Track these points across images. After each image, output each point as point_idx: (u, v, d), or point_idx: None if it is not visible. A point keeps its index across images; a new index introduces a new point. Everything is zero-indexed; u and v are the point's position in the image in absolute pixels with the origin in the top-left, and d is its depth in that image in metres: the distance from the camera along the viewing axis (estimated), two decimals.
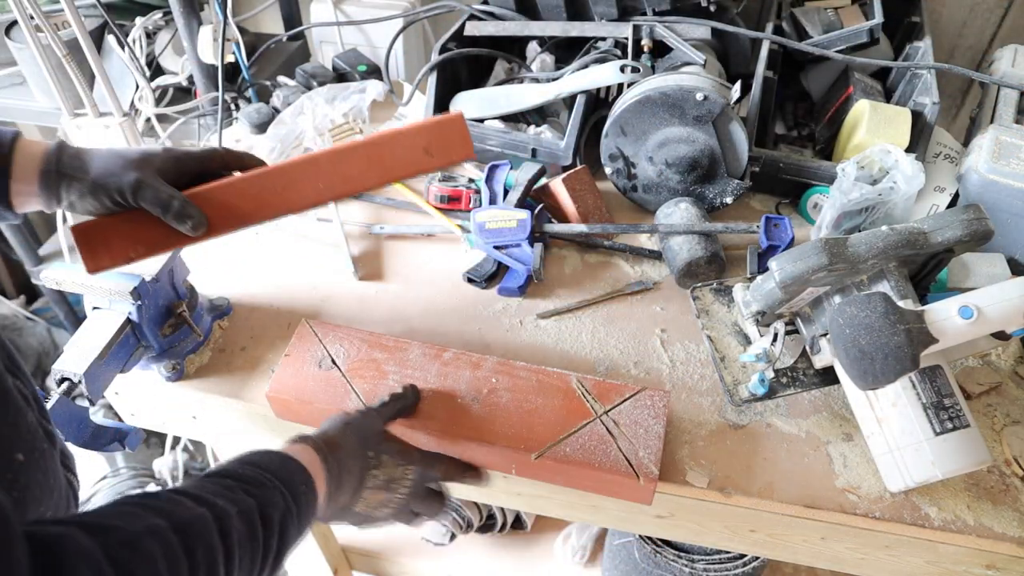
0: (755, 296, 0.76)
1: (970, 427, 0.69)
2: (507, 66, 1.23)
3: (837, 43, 1.12)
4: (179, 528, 0.46)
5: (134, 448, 0.81)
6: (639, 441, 0.73)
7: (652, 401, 0.76)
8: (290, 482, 0.58)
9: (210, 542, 0.47)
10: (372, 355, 0.80)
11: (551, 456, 0.72)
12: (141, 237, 0.68)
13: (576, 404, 0.76)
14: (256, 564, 0.52)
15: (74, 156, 0.65)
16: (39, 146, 0.65)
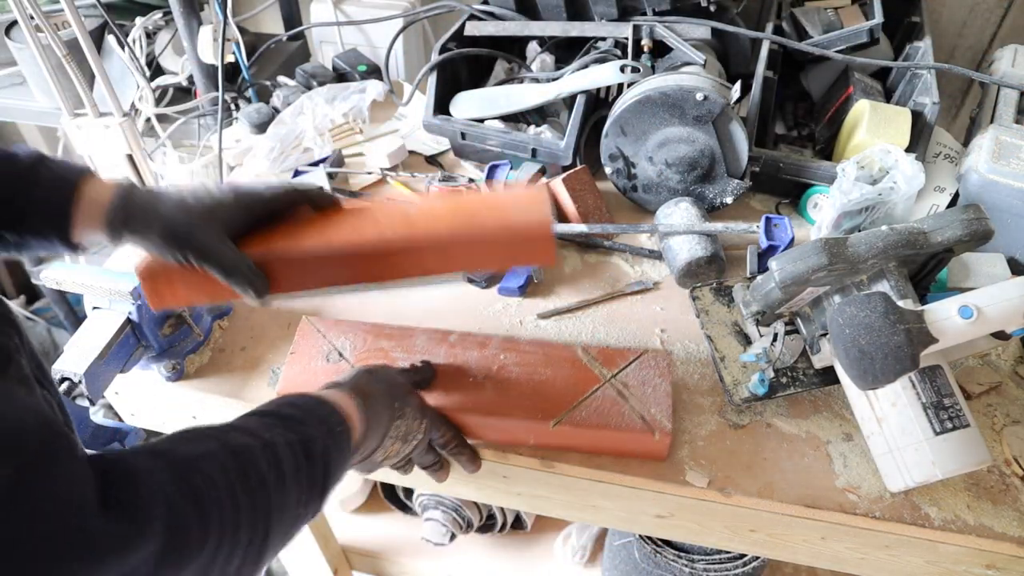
0: (755, 296, 0.76)
1: (970, 427, 0.69)
2: (507, 66, 1.23)
3: (837, 43, 1.12)
4: (234, 452, 0.47)
5: None
6: (649, 399, 0.76)
7: (656, 362, 0.79)
8: (328, 421, 0.58)
9: (261, 467, 0.49)
10: (378, 344, 0.81)
11: (568, 422, 0.74)
12: (205, 288, 0.67)
13: (584, 372, 0.78)
14: (303, 495, 0.53)
15: (139, 208, 0.62)
16: (106, 192, 0.62)
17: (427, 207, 0.73)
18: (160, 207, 0.62)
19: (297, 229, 0.69)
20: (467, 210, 0.70)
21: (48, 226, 0.61)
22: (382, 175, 1.13)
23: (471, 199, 0.74)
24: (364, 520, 1.50)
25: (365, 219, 0.70)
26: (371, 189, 1.14)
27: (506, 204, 0.71)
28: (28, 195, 0.59)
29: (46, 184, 0.60)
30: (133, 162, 1.28)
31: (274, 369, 0.86)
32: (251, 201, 0.67)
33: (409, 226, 0.69)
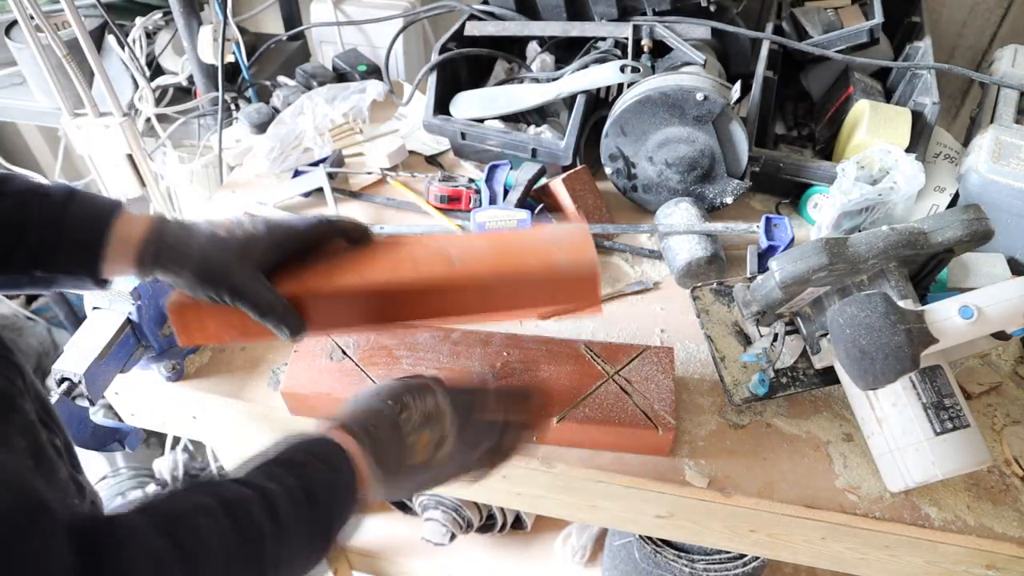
0: (755, 296, 0.76)
1: (970, 427, 0.69)
2: (507, 66, 1.23)
3: (837, 43, 1.12)
4: (227, 505, 0.46)
5: (134, 448, 0.81)
6: (652, 395, 0.76)
7: (658, 358, 0.79)
8: (327, 458, 0.56)
9: (259, 519, 0.47)
10: (381, 342, 0.81)
11: (572, 418, 0.75)
12: (237, 325, 0.65)
13: (587, 368, 0.79)
14: (306, 542, 0.51)
15: (171, 247, 0.61)
16: (138, 230, 0.60)
17: (468, 245, 0.70)
18: (193, 244, 0.61)
19: (332, 265, 0.67)
20: (510, 250, 0.68)
21: (79, 266, 0.60)
22: (382, 175, 1.13)
23: (514, 238, 0.72)
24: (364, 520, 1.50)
25: (403, 257, 0.68)
26: (371, 189, 1.14)
27: (551, 245, 0.68)
28: (60, 235, 0.58)
29: (77, 224, 0.59)
30: (133, 162, 1.28)
31: (274, 369, 0.86)
32: (285, 236, 0.65)
33: (449, 265, 0.67)
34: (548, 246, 0.68)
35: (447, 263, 0.67)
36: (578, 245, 0.68)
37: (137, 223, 0.61)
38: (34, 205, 0.57)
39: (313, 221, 0.67)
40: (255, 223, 0.64)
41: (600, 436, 0.76)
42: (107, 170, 1.31)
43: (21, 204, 0.57)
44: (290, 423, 0.83)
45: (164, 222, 0.62)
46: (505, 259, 0.67)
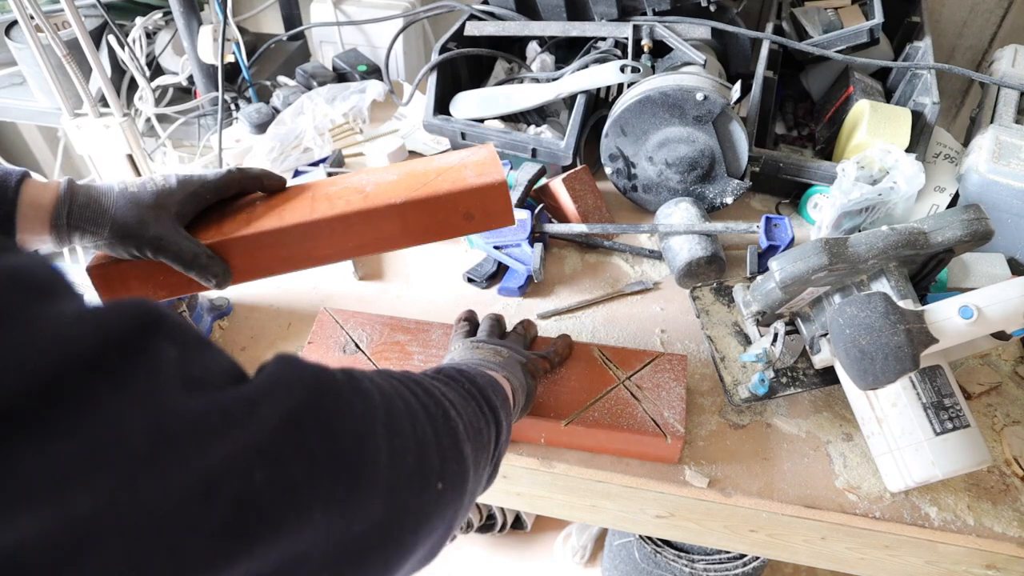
0: (755, 296, 0.76)
1: (970, 427, 0.69)
2: (507, 66, 1.23)
3: (837, 43, 1.12)
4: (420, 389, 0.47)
5: None
6: (663, 402, 0.76)
7: (671, 365, 0.79)
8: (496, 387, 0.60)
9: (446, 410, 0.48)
10: (395, 337, 0.82)
11: (580, 422, 0.74)
12: (162, 282, 0.66)
13: (598, 371, 0.79)
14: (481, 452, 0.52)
15: (84, 207, 0.60)
16: (47, 193, 0.60)
17: (379, 177, 0.71)
18: (106, 202, 0.60)
19: (251, 213, 0.68)
20: (420, 173, 0.70)
21: None
22: None
23: (423, 164, 0.72)
24: None
25: (319, 197, 0.69)
26: None
27: (459, 165, 0.70)
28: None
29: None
30: (133, 162, 1.28)
31: None
32: (198, 187, 0.65)
33: (363, 197, 0.68)
34: (456, 166, 0.70)
35: (361, 194, 0.68)
36: (486, 161, 0.70)
37: (46, 188, 0.60)
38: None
39: (224, 171, 0.68)
40: (167, 177, 0.64)
41: (608, 441, 0.76)
42: (107, 170, 1.31)
43: None
44: None
45: (73, 184, 0.61)
46: (415, 182, 0.68)
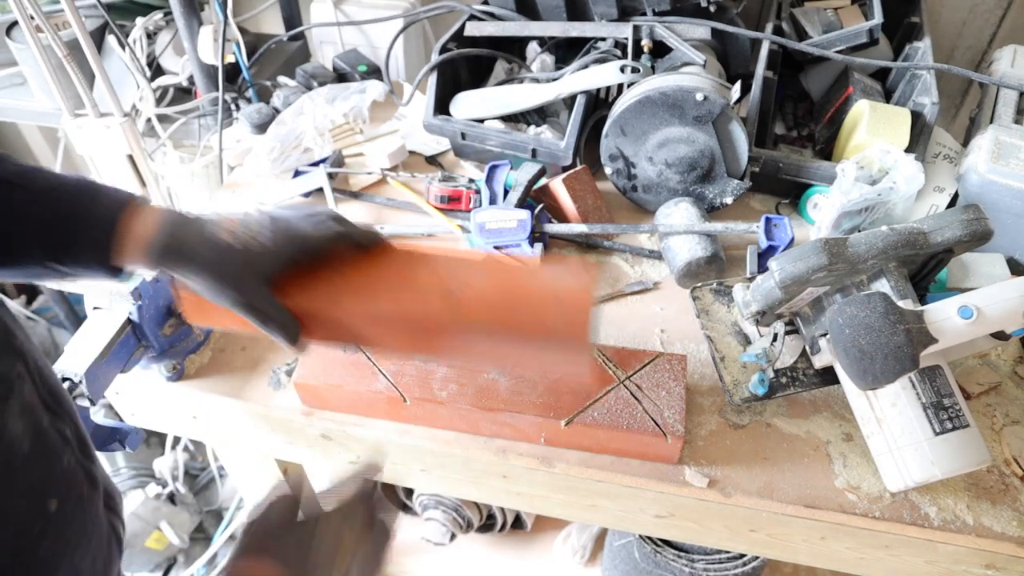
0: (755, 296, 0.76)
1: (970, 427, 0.69)
2: (507, 66, 1.23)
3: (837, 43, 1.12)
4: None
5: (134, 448, 0.81)
6: (663, 402, 0.76)
7: (671, 365, 0.79)
8: None
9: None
10: None
11: (580, 422, 0.74)
12: (239, 320, 0.66)
13: (598, 372, 0.78)
14: None
15: (178, 253, 0.61)
16: (151, 226, 0.61)
17: (469, 277, 0.69)
18: (201, 251, 0.61)
19: (339, 276, 0.68)
20: (510, 292, 0.68)
21: (94, 259, 0.61)
22: (382, 175, 1.13)
23: (516, 279, 0.70)
24: None
25: (407, 285, 0.68)
26: (371, 189, 1.14)
27: (552, 300, 0.67)
28: (74, 232, 0.60)
29: (91, 222, 0.60)
30: (133, 162, 1.28)
31: (274, 369, 0.86)
32: (296, 248, 0.65)
33: (450, 309, 0.67)
34: (550, 297, 0.68)
35: (447, 301, 0.67)
36: (578, 305, 0.66)
37: (148, 221, 0.61)
38: (51, 201, 0.59)
39: (325, 231, 0.66)
40: (263, 227, 0.63)
41: (608, 441, 0.76)
42: (107, 170, 1.31)
43: (40, 200, 0.59)
44: (290, 423, 0.83)
45: (173, 222, 0.62)
46: (504, 303, 0.67)
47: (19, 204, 0.58)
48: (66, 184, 0.60)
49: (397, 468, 0.86)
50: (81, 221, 0.60)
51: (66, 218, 0.59)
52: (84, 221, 0.60)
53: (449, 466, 0.83)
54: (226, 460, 1.12)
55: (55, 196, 0.59)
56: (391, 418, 0.81)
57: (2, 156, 0.60)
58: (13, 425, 0.45)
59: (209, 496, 2.04)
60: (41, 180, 0.60)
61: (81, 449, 0.54)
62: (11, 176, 0.58)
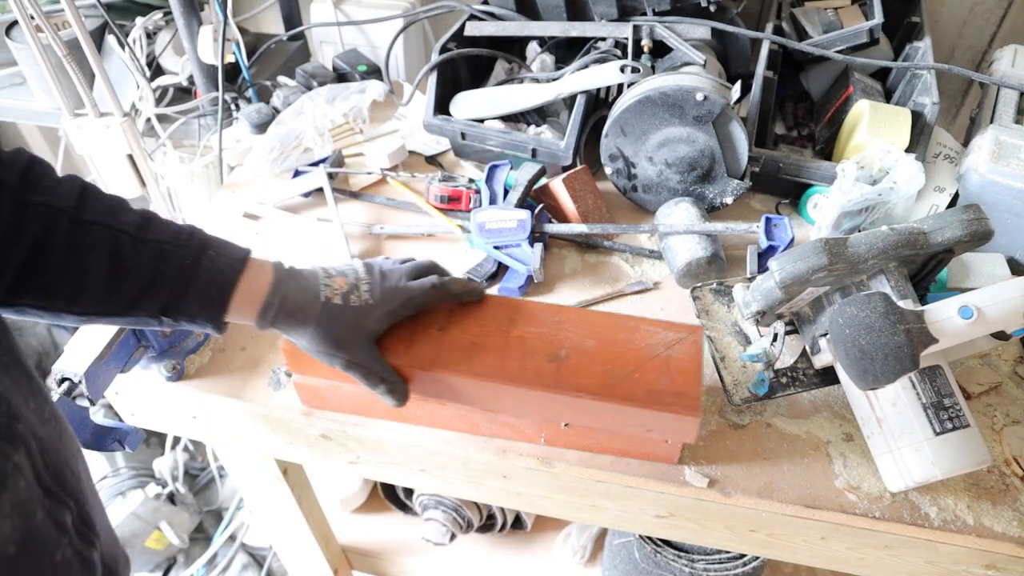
0: (755, 296, 0.76)
1: (970, 427, 0.69)
2: (507, 66, 1.23)
3: (837, 43, 1.12)
4: None
5: (134, 448, 0.81)
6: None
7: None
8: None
9: None
10: None
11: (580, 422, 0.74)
12: (343, 375, 0.69)
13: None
14: None
15: (290, 315, 0.64)
16: (260, 288, 0.63)
17: (577, 338, 0.72)
18: (312, 312, 0.64)
19: (441, 335, 0.71)
20: (619, 357, 0.70)
21: (205, 315, 0.62)
22: (382, 175, 1.13)
23: (625, 336, 0.72)
24: (364, 520, 1.50)
25: (512, 341, 0.71)
26: (371, 189, 1.14)
27: (664, 361, 0.70)
28: (188, 288, 0.61)
29: (206, 280, 0.61)
30: (133, 162, 1.28)
31: (274, 369, 0.86)
32: (398, 306, 0.68)
33: (556, 369, 0.70)
34: (661, 359, 0.70)
35: (554, 361, 0.70)
36: (689, 363, 0.70)
37: (262, 281, 0.64)
38: (169, 255, 0.60)
39: (428, 289, 0.69)
40: (371, 285, 0.66)
41: (608, 441, 0.76)
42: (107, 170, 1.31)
43: (159, 253, 0.60)
44: (290, 423, 0.83)
45: (285, 283, 0.64)
46: (612, 365, 0.70)
47: (135, 257, 0.59)
48: (180, 236, 0.61)
49: (397, 468, 0.86)
50: (196, 279, 0.61)
51: (184, 273, 0.60)
52: (199, 279, 0.61)
53: (449, 466, 0.83)
54: (226, 460, 1.12)
55: (175, 251, 0.60)
56: (391, 418, 0.81)
57: (123, 204, 0.60)
58: (1, 527, 0.43)
59: (209, 496, 2.04)
60: (163, 231, 0.61)
61: (81, 535, 0.52)
62: (130, 229, 0.59)
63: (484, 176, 1.03)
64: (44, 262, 0.55)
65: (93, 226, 0.57)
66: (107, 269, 0.58)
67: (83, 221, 0.57)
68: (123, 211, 0.60)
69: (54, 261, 0.56)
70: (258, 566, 1.89)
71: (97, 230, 0.57)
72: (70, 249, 0.56)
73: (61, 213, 0.56)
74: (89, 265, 0.57)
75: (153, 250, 0.59)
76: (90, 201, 0.58)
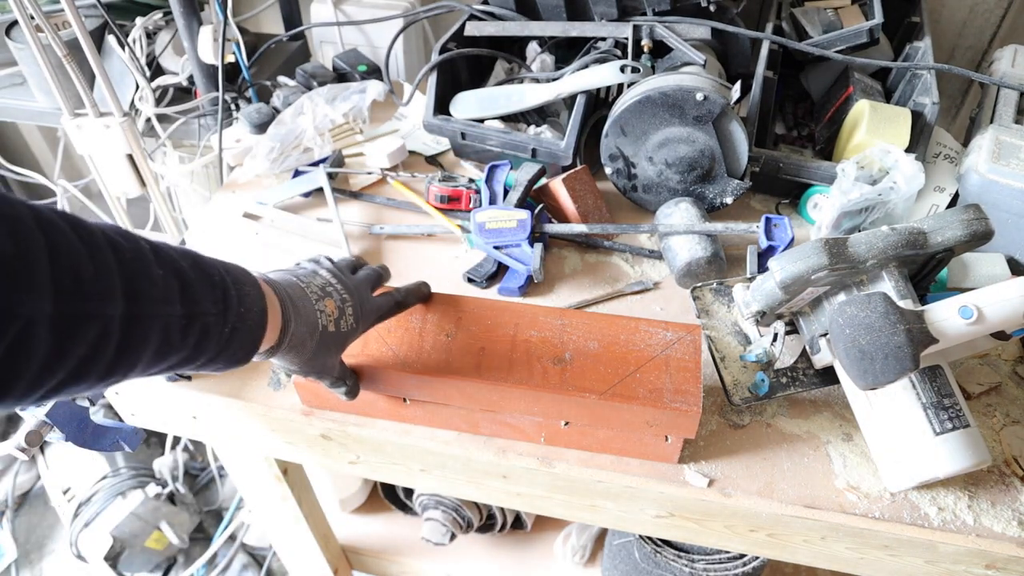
0: (755, 296, 0.76)
1: (970, 427, 0.69)
2: (507, 66, 1.23)
3: (837, 43, 1.12)
4: None
5: (134, 448, 0.81)
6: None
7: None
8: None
9: None
10: None
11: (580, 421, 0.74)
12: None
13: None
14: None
15: (292, 349, 0.62)
16: (273, 330, 0.60)
17: (581, 339, 0.74)
18: (310, 343, 0.64)
19: (451, 344, 0.74)
20: (622, 356, 0.72)
21: (225, 367, 0.58)
22: (382, 175, 1.13)
23: (626, 336, 0.74)
24: (364, 520, 1.50)
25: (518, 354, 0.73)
26: (371, 189, 1.14)
27: (664, 362, 0.72)
28: (222, 352, 0.55)
29: (239, 341, 0.56)
30: (133, 162, 1.28)
31: (274, 369, 0.86)
32: (372, 322, 0.71)
33: (561, 371, 0.71)
34: (660, 361, 0.72)
35: (559, 363, 0.72)
36: (688, 362, 0.72)
37: (275, 323, 0.60)
38: (211, 329, 0.53)
39: (393, 306, 0.73)
40: (355, 307, 0.68)
41: (608, 441, 0.76)
42: (107, 170, 1.31)
43: (202, 329, 0.52)
44: (290, 423, 0.83)
45: (291, 317, 0.61)
46: (615, 364, 0.71)
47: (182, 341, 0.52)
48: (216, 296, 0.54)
49: (397, 468, 0.86)
50: (231, 343, 0.56)
51: (219, 342, 0.55)
52: (233, 343, 0.56)
53: (449, 466, 0.83)
54: (226, 460, 1.12)
55: (212, 323, 0.54)
56: (391, 418, 0.81)
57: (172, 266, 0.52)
58: None
59: (209, 496, 2.04)
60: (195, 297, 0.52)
61: None
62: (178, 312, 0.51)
63: (484, 176, 1.03)
64: (88, 374, 0.45)
65: (148, 319, 0.47)
66: (151, 360, 0.50)
67: (135, 317, 0.46)
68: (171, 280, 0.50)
69: (99, 371, 0.46)
70: (258, 566, 1.89)
71: (148, 322, 0.47)
72: (119, 353, 0.46)
73: (111, 321, 0.44)
74: (137, 361, 0.48)
75: (197, 328, 0.52)
76: (143, 285, 0.47)
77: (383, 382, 0.74)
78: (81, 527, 1.76)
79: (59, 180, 1.63)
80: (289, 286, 0.64)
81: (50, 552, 1.96)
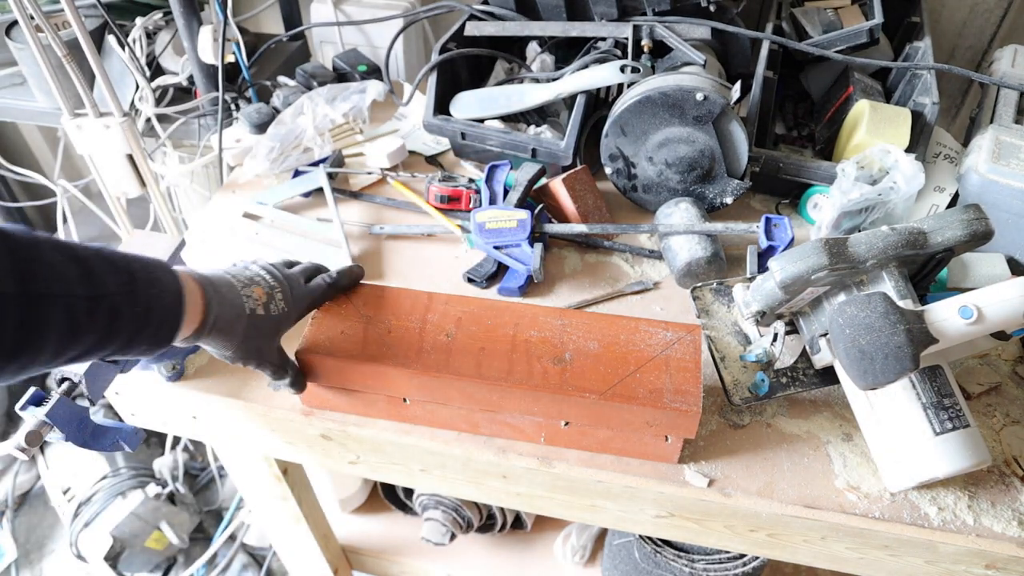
0: (755, 296, 0.76)
1: (970, 427, 0.69)
2: (507, 66, 1.23)
3: (837, 43, 1.12)
4: None
5: (134, 448, 0.81)
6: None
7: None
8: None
9: None
10: None
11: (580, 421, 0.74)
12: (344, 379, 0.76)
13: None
14: None
15: (221, 332, 0.65)
16: (196, 313, 0.63)
17: (581, 340, 0.74)
18: (238, 327, 0.67)
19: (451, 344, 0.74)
20: (622, 357, 0.72)
21: (148, 351, 0.61)
22: (382, 175, 1.13)
23: (626, 336, 0.75)
24: (364, 520, 1.50)
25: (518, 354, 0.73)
26: (371, 189, 1.14)
27: (663, 363, 0.72)
28: (139, 334, 0.58)
29: (157, 320, 0.59)
30: (133, 162, 1.28)
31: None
32: (306, 307, 0.75)
33: (562, 371, 0.71)
34: (660, 361, 0.72)
35: (560, 363, 0.72)
36: (687, 363, 0.72)
37: (196, 305, 0.63)
38: (122, 310, 0.56)
39: (327, 289, 0.76)
40: (284, 292, 0.71)
41: (608, 441, 0.76)
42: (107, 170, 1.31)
43: (111, 310, 0.55)
44: (290, 423, 0.83)
45: (213, 301, 0.64)
46: (615, 364, 0.72)
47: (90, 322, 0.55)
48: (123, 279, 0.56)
49: (397, 468, 0.86)
50: (148, 325, 0.59)
51: (133, 323, 0.57)
52: (150, 324, 0.59)
53: (449, 466, 0.83)
54: (226, 460, 1.12)
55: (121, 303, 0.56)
56: (391, 418, 0.81)
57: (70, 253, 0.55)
58: None
59: (209, 496, 2.04)
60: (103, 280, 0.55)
61: None
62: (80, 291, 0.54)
63: (484, 176, 1.03)
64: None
65: (45, 299, 0.50)
66: (61, 341, 0.52)
67: (32, 296, 0.49)
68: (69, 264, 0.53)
69: (5, 350, 0.49)
70: (258, 566, 1.89)
71: (49, 302, 0.51)
72: (21, 331, 0.49)
73: (6, 299, 0.48)
74: (45, 342, 0.51)
75: (104, 308, 0.54)
76: (36, 267, 0.50)
77: (383, 382, 0.74)
78: (81, 527, 1.76)
79: (59, 180, 1.63)
80: (213, 275, 0.67)
81: (50, 552, 1.96)
